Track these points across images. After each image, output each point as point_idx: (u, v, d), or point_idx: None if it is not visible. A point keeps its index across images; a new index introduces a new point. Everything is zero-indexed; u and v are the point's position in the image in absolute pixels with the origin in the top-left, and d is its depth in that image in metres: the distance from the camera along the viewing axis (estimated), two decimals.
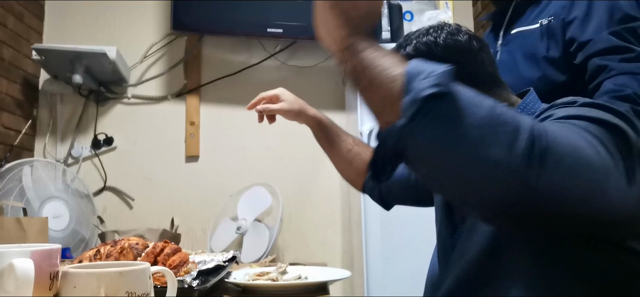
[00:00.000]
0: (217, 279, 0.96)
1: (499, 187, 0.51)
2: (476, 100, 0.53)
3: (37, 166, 2.01)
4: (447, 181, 0.56)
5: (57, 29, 2.39)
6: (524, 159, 0.50)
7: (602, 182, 0.54)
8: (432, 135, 0.52)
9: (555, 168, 0.51)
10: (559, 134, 0.54)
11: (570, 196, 0.52)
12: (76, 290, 0.61)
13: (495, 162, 0.50)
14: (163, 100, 2.41)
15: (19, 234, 1.26)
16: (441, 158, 0.54)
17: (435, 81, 0.52)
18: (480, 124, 0.52)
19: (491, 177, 0.51)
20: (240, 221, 2.14)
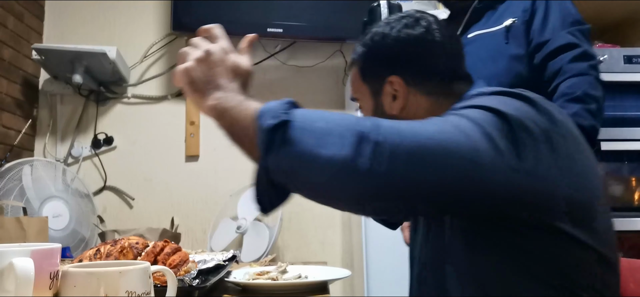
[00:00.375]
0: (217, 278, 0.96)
1: (351, 187, 0.59)
2: (315, 117, 0.61)
3: (37, 165, 2.01)
4: (317, 192, 0.64)
5: (57, 29, 2.39)
6: (365, 161, 0.56)
7: (470, 161, 0.59)
8: (286, 159, 0.60)
9: (395, 161, 0.57)
10: (408, 131, 0.60)
11: (420, 179, 0.58)
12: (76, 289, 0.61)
13: (343, 167, 0.57)
14: (163, 100, 2.41)
15: (19, 234, 1.27)
16: (302, 176, 0.62)
17: (274, 114, 0.61)
18: (321, 135, 0.59)
19: (344, 180, 0.58)
20: (240, 220, 2.14)
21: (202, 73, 0.70)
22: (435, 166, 0.59)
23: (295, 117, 0.61)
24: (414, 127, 0.61)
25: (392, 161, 0.58)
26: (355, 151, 0.57)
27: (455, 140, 0.59)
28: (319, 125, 0.60)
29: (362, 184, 0.58)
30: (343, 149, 0.58)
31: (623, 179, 2.06)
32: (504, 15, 1.30)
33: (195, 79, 0.70)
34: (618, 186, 2.06)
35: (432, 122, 0.63)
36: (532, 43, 1.25)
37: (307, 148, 0.59)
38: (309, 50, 2.44)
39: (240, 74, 0.74)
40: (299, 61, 2.44)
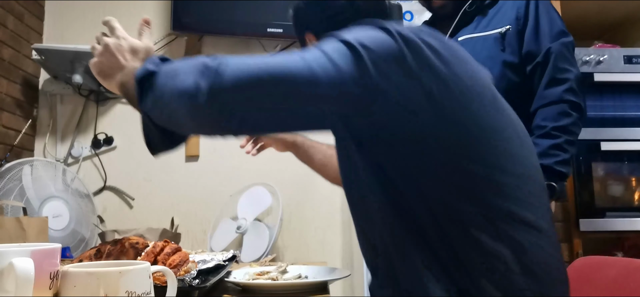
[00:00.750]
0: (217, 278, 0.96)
1: (197, 113, 0.67)
2: (177, 62, 0.72)
3: (37, 165, 2.01)
4: (181, 125, 0.72)
5: (57, 29, 2.39)
6: (205, 86, 0.64)
7: (305, 80, 0.65)
8: (151, 101, 0.72)
9: (234, 84, 0.65)
10: (251, 61, 0.66)
11: (255, 98, 0.66)
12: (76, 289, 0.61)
13: (188, 96, 0.66)
14: None
15: (19, 234, 1.27)
16: (165, 113, 0.72)
17: (143, 67, 0.73)
18: (173, 74, 0.69)
19: (190, 108, 0.66)
20: (240, 220, 2.14)
21: (107, 62, 0.84)
22: (269, 86, 0.65)
23: (161, 67, 0.72)
24: (259, 59, 0.67)
25: (230, 84, 0.64)
26: (197, 80, 0.65)
27: (294, 64, 0.66)
28: (175, 66, 0.71)
29: (204, 108, 0.65)
30: (187, 81, 0.66)
31: (623, 179, 2.06)
32: (494, 20, 1.33)
33: (102, 69, 0.85)
34: (618, 186, 2.06)
35: (282, 54, 0.69)
36: (523, 50, 1.29)
37: (163, 87, 0.70)
38: None
39: (138, 52, 0.84)
40: None
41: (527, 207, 0.70)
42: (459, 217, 0.67)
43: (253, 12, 2.26)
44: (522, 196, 0.70)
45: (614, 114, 2.05)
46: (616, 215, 2.00)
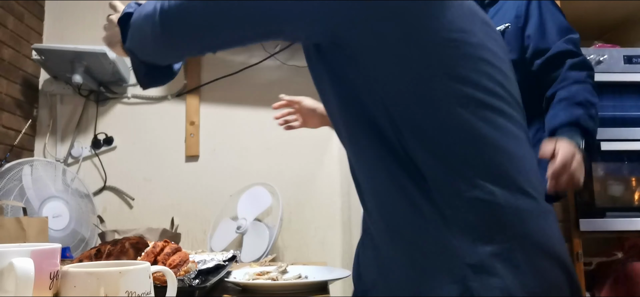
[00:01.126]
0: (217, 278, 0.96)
1: (155, 37, 0.79)
2: (142, 9, 0.82)
3: (37, 165, 2.01)
4: (150, 50, 0.84)
5: (57, 29, 2.39)
6: (158, 22, 0.77)
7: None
8: (131, 35, 0.84)
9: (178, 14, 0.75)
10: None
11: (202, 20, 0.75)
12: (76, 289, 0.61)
13: (153, 21, 0.77)
14: (163, 100, 2.41)
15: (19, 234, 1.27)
16: (141, 43, 0.83)
17: (123, 10, 0.86)
18: (143, 19, 0.81)
19: (154, 32, 0.78)
20: (240, 220, 2.14)
21: (111, 33, 0.91)
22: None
23: (136, 8, 0.84)
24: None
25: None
26: (155, 4, 0.77)
27: None
28: (144, 6, 0.81)
29: (159, 28, 0.77)
30: (148, 6, 0.78)
31: (623, 179, 2.06)
32: (494, 20, 1.35)
33: (110, 40, 0.92)
34: (618, 186, 2.06)
35: None
36: (530, 48, 1.31)
37: (134, 21, 0.83)
38: None
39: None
40: (299, 61, 2.44)
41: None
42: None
43: None
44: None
45: (614, 114, 2.05)
46: (616, 215, 2.00)
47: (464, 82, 0.66)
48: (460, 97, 0.65)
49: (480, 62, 0.68)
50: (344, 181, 2.35)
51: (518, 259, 0.62)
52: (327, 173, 2.40)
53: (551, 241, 0.67)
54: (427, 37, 0.65)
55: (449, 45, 0.66)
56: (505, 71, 0.73)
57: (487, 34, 0.73)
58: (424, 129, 0.65)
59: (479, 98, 0.67)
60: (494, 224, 0.63)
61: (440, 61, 0.65)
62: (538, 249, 0.64)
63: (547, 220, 0.68)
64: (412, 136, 0.65)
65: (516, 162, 0.67)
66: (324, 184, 2.41)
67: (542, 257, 0.65)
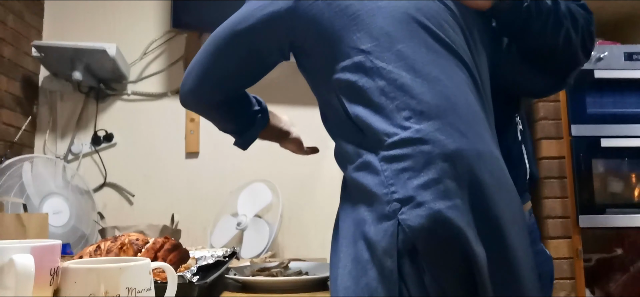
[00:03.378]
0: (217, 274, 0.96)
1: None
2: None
3: (37, 162, 2.01)
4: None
5: (57, 27, 2.38)
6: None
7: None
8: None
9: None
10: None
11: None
12: (76, 286, 0.61)
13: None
14: (163, 97, 2.41)
15: (19, 230, 1.27)
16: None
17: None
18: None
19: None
20: (241, 217, 2.14)
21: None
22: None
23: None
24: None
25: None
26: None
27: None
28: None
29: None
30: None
31: (623, 175, 2.06)
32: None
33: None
34: (618, 182, 2.06)
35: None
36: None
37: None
38: None
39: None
40: None
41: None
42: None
43: None
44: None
45: (614, 111, 2.05)
46: (616, 211, 2.00)
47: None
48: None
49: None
50: None
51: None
52: (327, 170, 2.40)
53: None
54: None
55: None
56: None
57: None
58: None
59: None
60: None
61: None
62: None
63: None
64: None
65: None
66: (324, 181, 2.42)
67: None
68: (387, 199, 0.70)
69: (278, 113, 1.17)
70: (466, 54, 0.81)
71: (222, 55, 0.93)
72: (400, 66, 0.75)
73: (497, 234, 0.70)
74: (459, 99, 0.75)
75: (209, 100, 0.97)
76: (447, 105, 0.73)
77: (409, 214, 0.68)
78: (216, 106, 0.98)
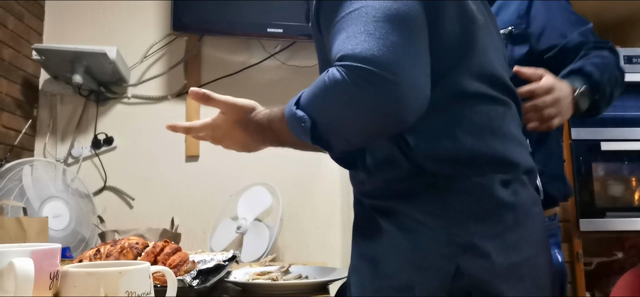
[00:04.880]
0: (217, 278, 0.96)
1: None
2: (313, 99, 0.71)
3: (37, 165, 2.01)
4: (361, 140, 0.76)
5: (57, 29, 2.39)
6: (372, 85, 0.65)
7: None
8: (325, 140, 0.72)
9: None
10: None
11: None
12: (76, 289, 0.61)
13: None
14: (163, 100, 2.41)
15: (19, 234, 1.27)
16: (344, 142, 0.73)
17: (297, 128, 0.72)
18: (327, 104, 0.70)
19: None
20: (240, 220, 2.14)
21: (237, 146, 0.92)
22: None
23: (312, 115, 0.71)
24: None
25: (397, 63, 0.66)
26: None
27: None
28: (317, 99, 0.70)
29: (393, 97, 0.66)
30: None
31: (623, 179, 2.06)
32: (498, 21, 1.28)
33: (238, 148, 0.92)
34: (618, 186, 2.06)
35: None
36: (545, 44, 1.23)
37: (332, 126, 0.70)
38: (309, 50, 2.44)
39: (239, 123, 0.90)
40: (299, 61, 2.44)
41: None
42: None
43: (253, 12, 2.26)
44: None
45: (614, 114, 2.05)
46: (616, 215, 2.00)
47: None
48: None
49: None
50: (344, 181, 2.35)
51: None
52: (327, 173, 2.40)
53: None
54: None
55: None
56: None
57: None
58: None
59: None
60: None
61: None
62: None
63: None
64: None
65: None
66: (324, 184, 2.41)
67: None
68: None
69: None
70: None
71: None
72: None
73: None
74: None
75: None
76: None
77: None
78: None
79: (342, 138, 0.71)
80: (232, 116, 0.88)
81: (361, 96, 0.62)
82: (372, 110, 0.63)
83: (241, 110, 0.87)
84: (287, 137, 0.78)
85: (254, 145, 0.88)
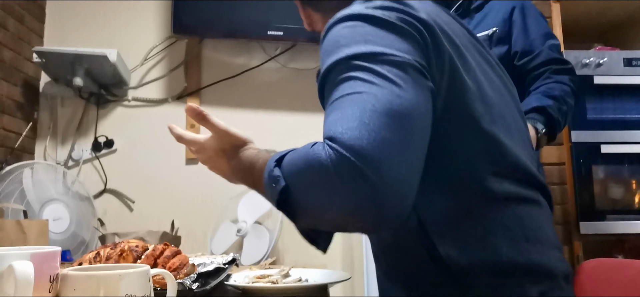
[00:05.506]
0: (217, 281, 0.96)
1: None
2: (292, 166, 0.64)
3: (37, 168, 2.01)
4: (325, 223, 0.66)
5: (58, 32, 2.39)
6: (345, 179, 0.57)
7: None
8: (301, 221, 0.67)
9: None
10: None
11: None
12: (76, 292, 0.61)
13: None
14: (163, 102, 2.41)
15: (19, 237, 1.27)
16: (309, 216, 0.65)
17: (272, 190, 0.66)
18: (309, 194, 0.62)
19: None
20: (241, 223, 2.14)
21: (215, 169, 0.94)
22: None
23: (287, 180, 0.64)
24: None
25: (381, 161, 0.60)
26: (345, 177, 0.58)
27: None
28: (300, 182, 0.63)
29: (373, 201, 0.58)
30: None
31: (623, 181, 2.06)
32: (482, 24, 1.44)
33: (222, 175, 0.92)
34: (618, 188, 2.06)
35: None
36: (518, 49, 1.40)
37: (307, 207, 0.63)
38: (310, 52, 2.44)
39: (222, 148, 0.91)
40: (300, 64, 2.44)
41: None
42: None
43: (253, 14, 2.27)
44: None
45: (613, 117, 2.05)
46: (616, 218, 2.00)
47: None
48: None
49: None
50: None
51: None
52: None
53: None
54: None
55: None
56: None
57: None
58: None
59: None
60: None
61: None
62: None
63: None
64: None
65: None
66: None
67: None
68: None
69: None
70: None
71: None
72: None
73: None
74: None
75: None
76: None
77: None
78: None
79: (310, 216, 0.65)
80: (221, 143, 0.89)
81: (339, 185, 0.56)
82: (347, 202, 0.57)
83: (232, 141, 0.87)
84: (261, 188, 0.73)
85: (231, 178, 0.89)
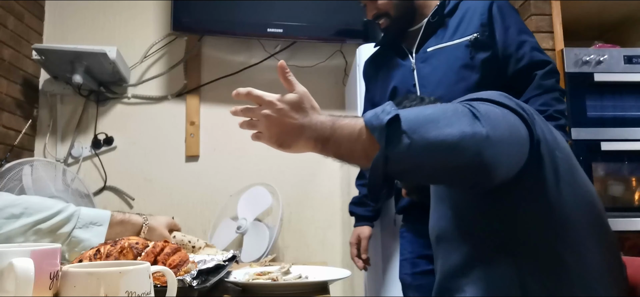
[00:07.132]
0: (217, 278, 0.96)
1: (476, 154, 0.66)
2: (419, 109, 0.70)
3: (37, 165, 2.01)
4: (432, 172, 0.72)
5: (57, 29, 2.39)
6: (480, 126, 0.67)
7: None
8: (405, 147, 0.66)
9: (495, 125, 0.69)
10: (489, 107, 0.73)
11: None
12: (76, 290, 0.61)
13: (462, 136, 0.66)
14: (163, 100, 2.41)
15: None
16: (420, 159, 0.67)
17: (386, 112, 0.68)
18: (433, 119, 0.67)
19: (471, 149, 0.66)
20: (241, 220, 2.14)
21: (280, 131, 0.79)
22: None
23: (401, 112, 0.68)
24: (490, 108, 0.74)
25: (495, 128, 0.68)
26: (473, 124, 0.67)
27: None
28: (425, 113, 0.69)
29: (486, 149, 0.66)
30: (462, 125, 0.67)
31: (623, 179, 2.06)
32: (460, 30, 1.43)
33: (281, 140, 0.80)
34: (618, 186, 2.06)
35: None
36: (503, 52, 1.40)
37: (427, 133, 0.66)
38: (309, 50, 2.44)
39: (302, 103, 0.80)
40: (299, 61, 2.44)
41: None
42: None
43: (253, 12, 2.26)
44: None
45: (614, 114, 2.04)
46: (616, 215, 2.00)
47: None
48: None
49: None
50: (344, 180, 2.35)
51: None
52: (327, 173, 2.40)
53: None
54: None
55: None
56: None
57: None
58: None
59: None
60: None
61: None
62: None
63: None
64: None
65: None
66: (324, 184, 2.41)
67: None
68: None
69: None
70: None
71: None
72: None
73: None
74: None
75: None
76: None
77: None
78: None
79: (426, 168, 0.70)
80: (300, 100, 0.81)
81: (472, 136, 0.66)
82: (469, 151, 0.66)
83: (313, 103, 0.82)
84: (344, 150, 0.75)
85: (299, 134, 0.79)
